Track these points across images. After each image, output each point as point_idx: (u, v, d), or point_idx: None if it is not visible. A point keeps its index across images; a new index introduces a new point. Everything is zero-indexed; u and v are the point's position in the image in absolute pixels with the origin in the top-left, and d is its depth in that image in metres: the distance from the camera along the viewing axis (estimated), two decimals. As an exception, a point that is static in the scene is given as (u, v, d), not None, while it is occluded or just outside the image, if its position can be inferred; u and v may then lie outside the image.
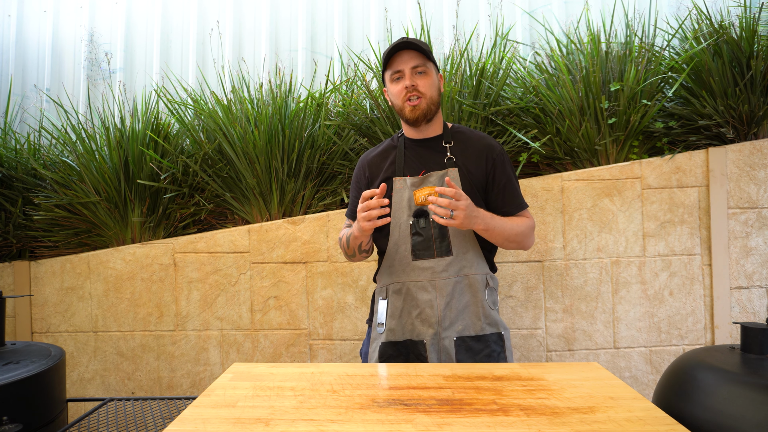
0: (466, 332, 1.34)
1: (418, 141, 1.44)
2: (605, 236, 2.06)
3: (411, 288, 1.36)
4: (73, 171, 2.25)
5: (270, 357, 2.12)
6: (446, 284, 1.34)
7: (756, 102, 2.04)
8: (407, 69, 1.34)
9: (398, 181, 1.39)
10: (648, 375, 2.05)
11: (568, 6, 2.61)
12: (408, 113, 1.37)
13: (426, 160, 1.40)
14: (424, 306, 1.35)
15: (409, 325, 1.37)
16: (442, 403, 0.92)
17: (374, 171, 1.46)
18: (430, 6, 2.67)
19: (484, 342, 1.34)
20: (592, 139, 2.10)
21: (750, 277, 2.04)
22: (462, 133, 1.45)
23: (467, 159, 1.39)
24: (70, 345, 2.17)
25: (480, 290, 1.36)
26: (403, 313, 1.37)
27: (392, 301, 1.39)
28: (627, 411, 0.87)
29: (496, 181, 1.39)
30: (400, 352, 1.36)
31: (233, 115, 2.22)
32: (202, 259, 2.14)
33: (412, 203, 1.36)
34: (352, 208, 1.52)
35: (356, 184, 1.52)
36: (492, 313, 1.36)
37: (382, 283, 1.42)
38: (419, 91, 1.35)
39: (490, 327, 1.35)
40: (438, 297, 1.34)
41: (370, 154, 1.51)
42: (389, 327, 1.37)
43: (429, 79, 1.36)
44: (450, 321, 1.34)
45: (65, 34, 2.75)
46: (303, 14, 2.70)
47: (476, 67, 2.19)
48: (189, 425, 0.84)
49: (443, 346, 1.33)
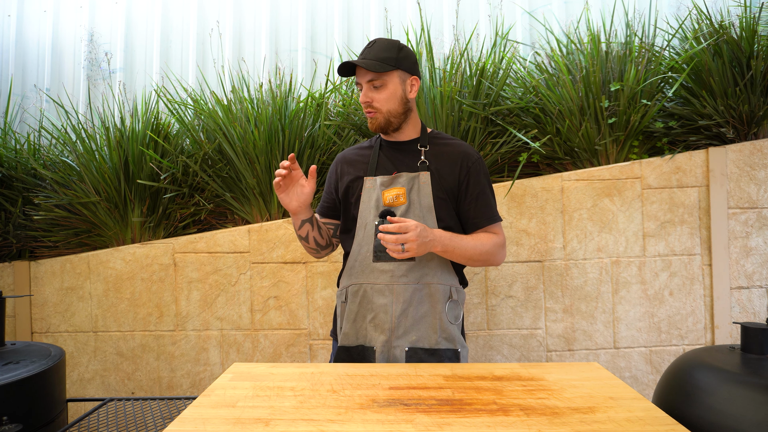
0: (420, 344, 1.28)
1: (393, 143, 1.42)
2: (605, 236, 2.06)
3: (368, 290, 1.31)
4: (73, 171, 2.25)
5: (270, 357, 2.12)
6: (404, 290, 1.29)
7: (756, 102, 2.04)
8: (363, 83, 1.32)
9: (368, 180, 1.36)
10: (648, 375, 2.05)
11: (568, 6, 2.61)
12: (369, 125, 1.37)
13: (399, 162, 1.38)
14: (378, 310, 1.30)
15: (363, 330, 1.32)
16: (442, 403, 0.92)
17: (346, 168, 1.44)
18: (430, 6, 2.67)
19: (438, 357, 1.28)
20: (592, 139, 2.10)
21: (750, 277, 2.04)
22: (440, 138, 1.42)
23: (441, 164, 1.35)
24: (70, 345, 2.17)
25: (440, 301, 1.30)
26: (357, 317, 1.33)
27: (349, 305, 1.34)
28: (627, 411, 0.87)
29: (470, 190, 1.35)
30: (352, 357, 1.31)
31: (233, 115, 2.22)
32: (202, 259, 2.14)
33: (380, 203, 1.33)
34: (321, 204, 1.51)
35: (327, 180, 1.51)
36: (451, 328, 1.31)
37: (342, 285, 1.38)
38: (373, 107, 1.33)
39: (446, 342, 1.30)
40: (394, 302, 1.29)
41: (348, 151, 1.49)
42: (344, 331, 1.33)
43: (385, 92, 1.31)
44: (404, 329, 1.28)
45: (65, 34, 2.75)
46: (303, 14, 2.70)
47: (476, 67, 2.19)
48: (189, 425, 0.84)
49: (393, 355, 1.28)
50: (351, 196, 1.39)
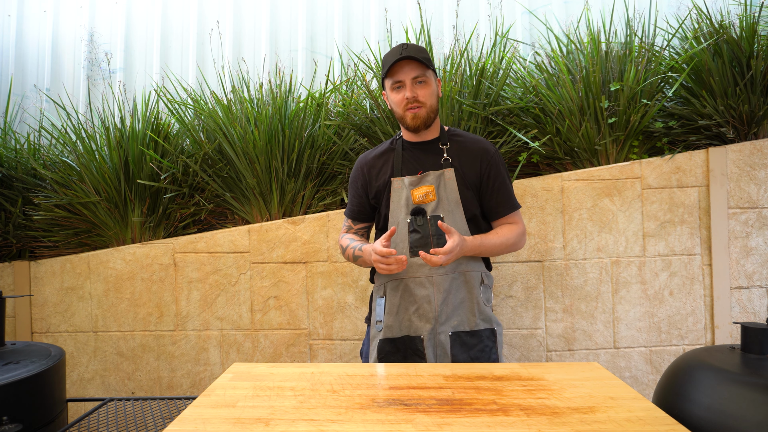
0: (461, 327, 1.37)
1: (415, 143, 1.48)
2: (605, 236, 2.06)
3: (409, 284, 1.38)
4: (73, 171, 2.25)
5: (270, 357, 2.12)
6: (443, 280, 1.37)
7: (756, 102, 2.04)
8: (408, 80, 1.38)
9: (396, 181, 1.44)
10: (648, 375, 2.05)
11: (568, 6, 2.61)
12: (409, 121, 1.41)
13: (423, 161, 1.45)
14: (421, 302, 1.37)
15: (407, 321, 1.39)
16: (442, 403, 0.92)
17: (372, 172, 1.51)
18: (430, 6, 2.67)
19: (478, 337, 1.38)
20: (592, 139, 2.10)
21: (750, 277, 2.04)
22: (459, 135, 1.50)
23: (463, 161, 1.44)
24: (70, 345, 2.17)
25: (475, 287, 1.39)
26: (400, 309, 1.40)
27: (390, 298, 1.41)
28: (627, 411, 0.87)
29: (491, 182, 1.44)
30: (398, 348, 1.39)
31: (233, 115, 2.22)
32: (202, 259, 2.14)
33: (410, 202, 1.41)
34: (352, 208, 1.57)
35: (354, 185, 1.56)
36: (486, 310, 1.40)
37: (380, 282, 1.45)
38: (419, 101, 1.39)
39: (484, 323, 1.39)
40: (435, 292, 1.37)
41: (369, 155, 1.55)
42: (387, 324, 1.40)
43: (429, 89, 1.40)
44: (446, 316, 1.37)
45: (65, 34, 2.75)
46: (303, 14, 2.70)
47: (476, 67, 2.19)
48: (189, 425, 0.84)
49: (439, 341, 1.37)
50: (382, 197, 1.46)
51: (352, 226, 1.57)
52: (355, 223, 1.57)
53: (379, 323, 1.42)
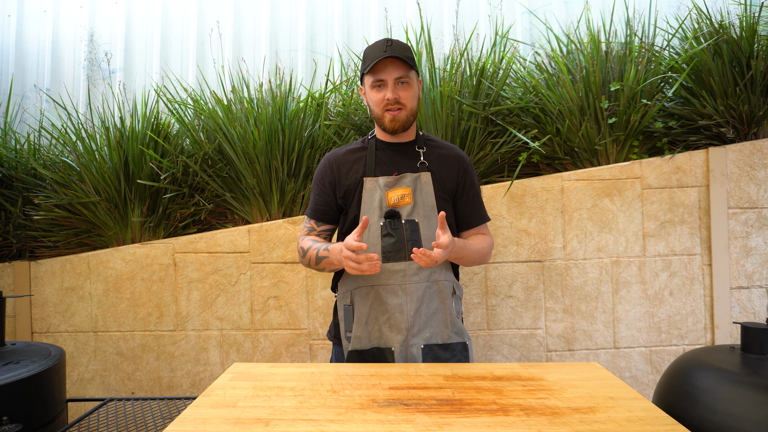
0: (433, 340, 1.31)
1: (390, 144, 1.41)
2: (605, 236, 2.06)
3: (380, 292, 1.30)
4: (73, 171, 2.25)
5: (270, 357, 2.12)
6: (417, 288, 1.30)
7: (756, 102, 2.04)
8: (390, 80, 1.30)
9: (369, 181, 1.35)
10: (648, 375, 2.05)
11: (568, 6, 2.61)
12: (387, 123, 1.34)
13: (398, 163, 1.38)
14: (393, 311, 1.30)
15: (377, 332, 1.31)
16: (442, 403, 0.92)
17: (342, 170, 1.40)
18: (430, 6, 2.67)
19: (451, 351, 1.32)
20: (592, 139, 2.10)
21: (750, 277, 2.04)
22: (433, 141, 1.45)
23: (439, 166, 1.39)
24: (70, 345, 2.17)
25: (448, 297, 1.34)
26: (369, 319, 1.32)
27: (358, 307, 1.32)
28: (627, 411, 0.87)
29: (466, 191, 1.41)
30: (366, 360, 1.31)
31: (233, 115, 2.22)
32: (202, 259, 2.14)
33: (384, 204, 1.33)
34: (316, 207, 1.43)
35: (320, 182, 1.43)
36: (458, 322, 1.35)
37: (346, 288, 1.36)
38: (401, 103, 1.32)
39: (457, 336, 1.33)
40: (408, 301, 1.30)
41: (339, 151, 1.45)
42: (355, 335, 1.31)
43: (411, 90, 1.33)
44: (419, 327, 1.30)
45: (65, 34, 2.75)
46: (303, 14, 2.70)
47: (476, 67, 2.19)
48: (189, 425, 0.84)
49: (410, 354, 1.29)
50: (351, 197, 1.37)
51: (314, 227, 1.44)
52: (319, 224, 1.44)
53: (348, 334, 1.33)
